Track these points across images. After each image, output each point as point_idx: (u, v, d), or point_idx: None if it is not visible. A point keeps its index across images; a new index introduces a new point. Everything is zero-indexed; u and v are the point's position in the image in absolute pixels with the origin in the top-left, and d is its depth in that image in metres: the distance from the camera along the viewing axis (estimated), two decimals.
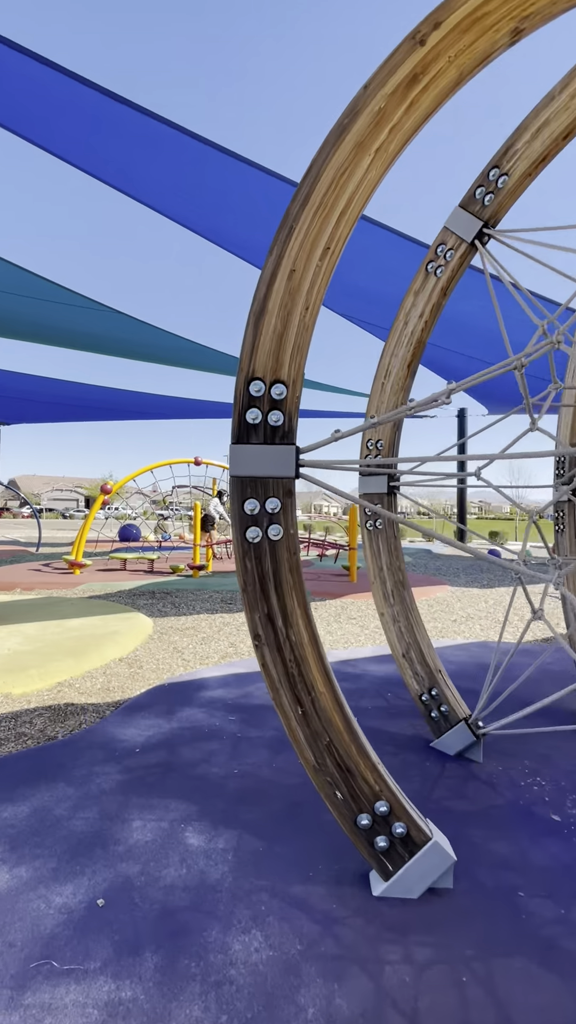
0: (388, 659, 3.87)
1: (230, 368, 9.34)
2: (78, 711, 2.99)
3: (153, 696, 3.07)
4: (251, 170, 3.76)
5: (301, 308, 1.48)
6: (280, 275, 1.47)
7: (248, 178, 3.82)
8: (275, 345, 1.48)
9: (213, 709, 2.84)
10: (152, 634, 4.81)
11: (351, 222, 1.50)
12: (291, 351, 1.49)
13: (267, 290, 1.47)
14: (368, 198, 1.50)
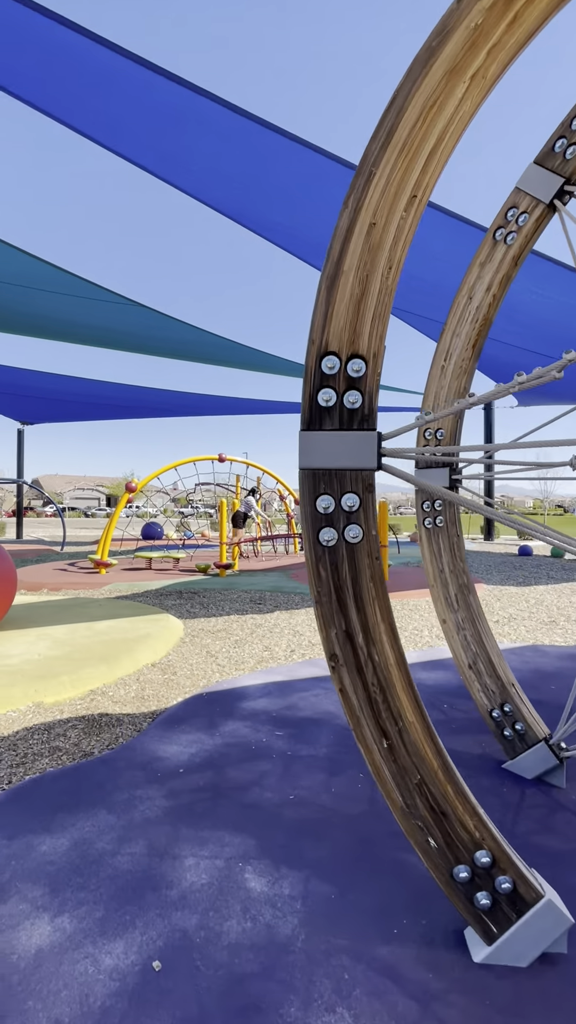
0: (438, 665, 3.62)
1: (256, 363, 9.14)
2: (113, 722, 2.82)
3: (192, 707, 2.88)
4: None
5: (383, 268, 1.25)
6: (357, 230, 1.24)
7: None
8: (352, 313, 1.25)
9: (257, 723, 2.64)
10: (183, 637, 4.64)
11: (441, 164, 1.27)
12: (371, 319, 1.26)
13: (342, 248, 1.25)
14: (461, 134, 1.26)
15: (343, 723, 2.63)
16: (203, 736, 2.48)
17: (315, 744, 2.40)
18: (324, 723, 2.63)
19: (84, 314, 7.12)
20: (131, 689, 3.34)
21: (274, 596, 6.73)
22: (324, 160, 3.38)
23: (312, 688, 3.13)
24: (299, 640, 4.61)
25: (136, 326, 7.54)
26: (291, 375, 10.63)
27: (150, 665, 3.82)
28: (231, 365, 10.10)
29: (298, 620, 5.43)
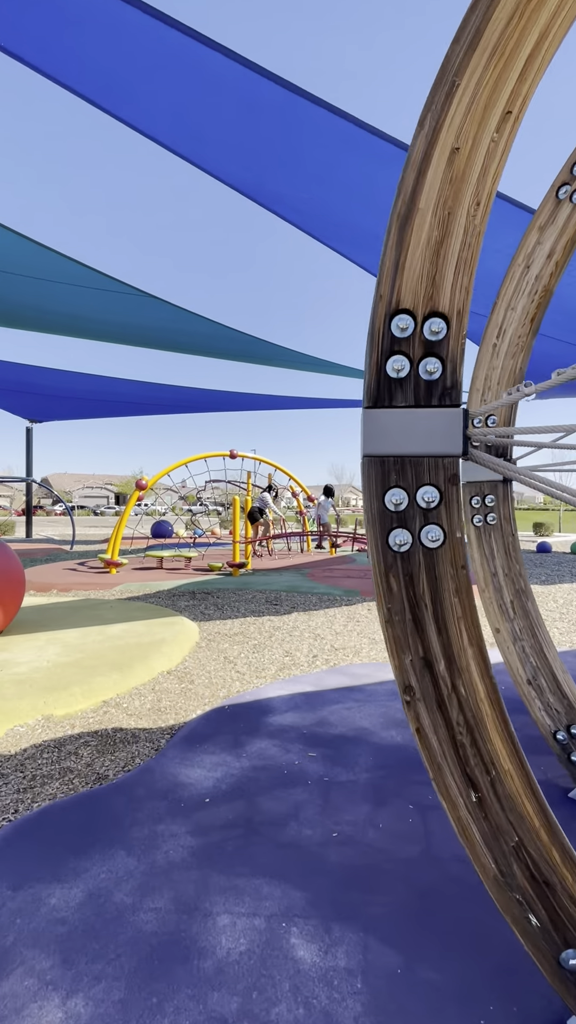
0: None
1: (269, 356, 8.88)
2: (128, 738, 2.59)
3: (213, 722, 2.65)
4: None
5: (469, 204, 1.00)
6: (436, 156, 0.99)
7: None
8: (430, 261, 1.00)
9: (287, 741, 2.40)
10: (199, 641, 4.41)
11: (542, 70, 1.00)
12: (454, 268, 1.00)
13: (417, 180, 0.99)
14: (567, 30, 1.00)
15: (381, 742, 2.38)
16: (228, 757, 2.25)
17: (353, 767, 2.16)
18: (360, 742, 2.39)
19: (90, 307, 6.90)
20: (147, 700, 3.12)
21: (290, 596, 6.49)
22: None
23: (343, 700, 2.88)
24: (321, 644, 4.36)
25: (144, 318, 7.31)
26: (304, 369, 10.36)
27: (166, 673, 3.60)
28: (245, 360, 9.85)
29: (317, 622, 5.18)
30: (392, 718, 2.65)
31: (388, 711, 2.73)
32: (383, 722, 2.59)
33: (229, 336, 7.89)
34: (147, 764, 2.24)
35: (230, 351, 9.03)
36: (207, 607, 5.86)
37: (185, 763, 2.20)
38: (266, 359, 9.46)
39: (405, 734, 2.46)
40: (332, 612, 5.65)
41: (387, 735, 2.44)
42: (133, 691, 3.25)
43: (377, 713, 2.70)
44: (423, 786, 2.01)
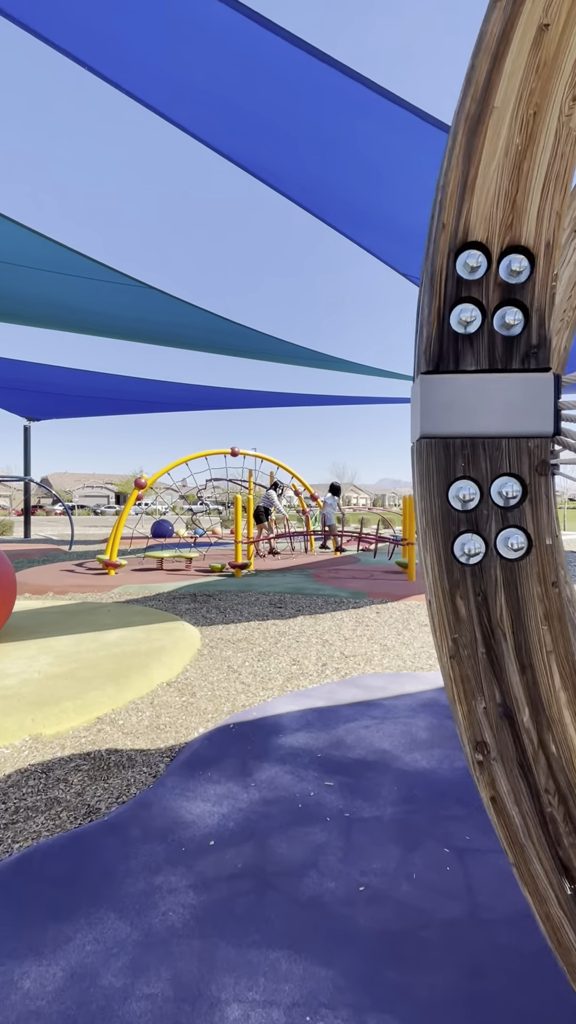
0: None
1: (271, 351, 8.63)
2: (124, 762, 2.35)
3: (217, 743, 2.40)
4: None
5: (562, 99, 0.75)
6: (518, 37, 0.73)
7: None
8: (509, 177, 0.75)
9: (300, 767, 2.15)
10: (201, 648, 4.16)
11: None
12: (542, 186, 0.75)
13: (491, 70, 0.74)
14: None
15: (405, 768, 2.14)
16: (235, 787, 2.00)
17: (377, 800, 1.91)
18: (382, 768, 2.14)
19: (88, 299, 6.65)
20: (144, 716, 2.87)
21: (295, 599, 6.24)
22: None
23: (359, 718, 2.64)
24: (329, 651, 4.12)
25: (145, 310, 7.06)
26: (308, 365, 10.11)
27: (165, 684, 3.35)
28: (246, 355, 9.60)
29: (324, 627, 4.94)
30: (415, 739, 2.40)
31: (410, 730, 2.48)
32: (405, 743, 2.34)
33: (231, 331, 7.64)
34: (144, 795, 1.99)
35: (231, 346, 8.78)
36: (209, 610, 5.62)
37: (186, 795, 1.96)
38: (269, 354, 9.21)
39: (431, 758, 2.21)
40: (339, 615, 5.40)
41: (411, 759, 2.19)
42: (130, 705, 3.00)
43: (397, 732, 2.45)
44: (457, 823, 1.76)
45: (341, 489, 10.86)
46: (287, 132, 3.15)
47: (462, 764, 2.15)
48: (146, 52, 2.62)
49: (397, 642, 4.39)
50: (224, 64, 2.63)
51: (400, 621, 5.15)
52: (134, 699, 3.09)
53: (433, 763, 2.16)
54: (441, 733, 2.45)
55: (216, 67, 2.65)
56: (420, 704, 2.81)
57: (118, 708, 2.96)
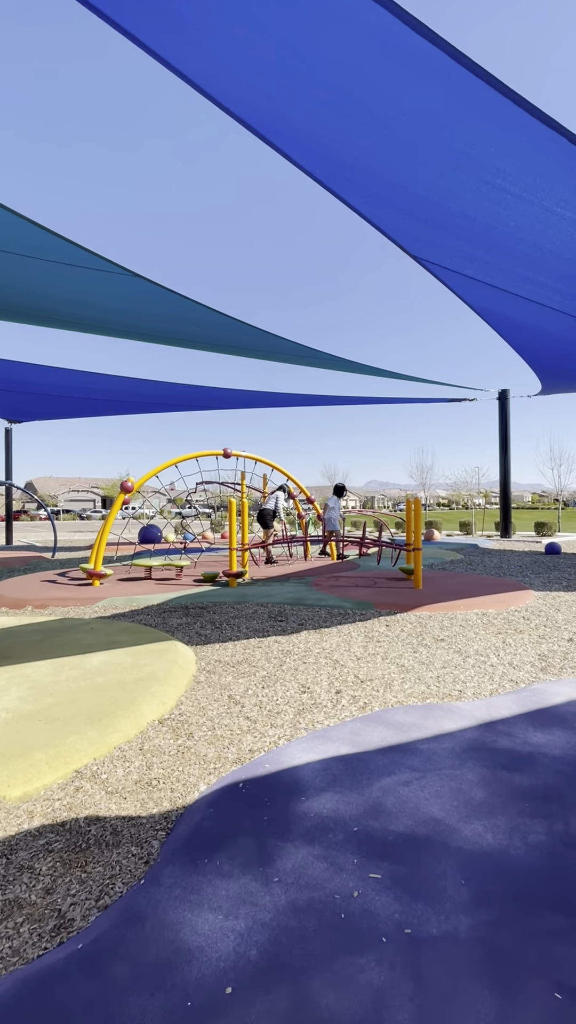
0: (551, 718, 2.67)
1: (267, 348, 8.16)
2: (107, 838, 1.86)
3: (224, 811, 1.92)
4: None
5: None
6: None
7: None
8: None
9: (333, 847, 1.68)
10: (196, 674, 3.67)
11: None
12: None
13: None
14: None
15: (469, 848, 1.67)
16: (253, 884, 1.52)
17: (443, 904, 1.44)
18: (438, 848, 1.67)
19: (65, 288, 6.13)
20: (132, 767, 2.38)
21: (296, 611, 5.77)
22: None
23: (395, 769, 2.17)
24: (342, 674, 3.65)
25: (132, 302, 6.56)
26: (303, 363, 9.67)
27: (157, 723, 2.86)
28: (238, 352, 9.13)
29: (332, 643, 4.47)
30: (470, 800, 1.94)
31: (460, 786, 2.02)
32: (460, 807, 1.88)
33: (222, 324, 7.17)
34: (133, 898, 1.50)
35: (223, 341, 8.30)
36: (203, 626, 5.12)
37: (189, 898, 1.47)
38: (261, 351, 8.75)
39: (496, 830, 1.75)
40: (347, 630, 4.94)
41: (472, 832, 1.73)
42: (115, 753, 2.51)
43: (447, 791, 1.99)
44: (561, 942, 1.30)
45: (345, 490, 10.35)
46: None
47: (539, 840, 1.69)
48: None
49: (415, 661, 3.94)
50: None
51: (414, 636, 4.71)
52: (120, 744, 2.59)
53: (501, 838, 1.70)
54: (499, 790, 2.00)
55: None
56: (464, 748, 2.36)
57: (100, 757, 2.46)
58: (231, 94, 2.81)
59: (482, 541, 15.19)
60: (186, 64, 2.65)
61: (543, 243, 4.23)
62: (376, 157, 3.38)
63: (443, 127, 3.04)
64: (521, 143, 3.09)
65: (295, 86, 2.75)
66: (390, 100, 2.88)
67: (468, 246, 4.50)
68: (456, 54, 2.50)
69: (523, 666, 3.80)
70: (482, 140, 3.13)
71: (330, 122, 3.08)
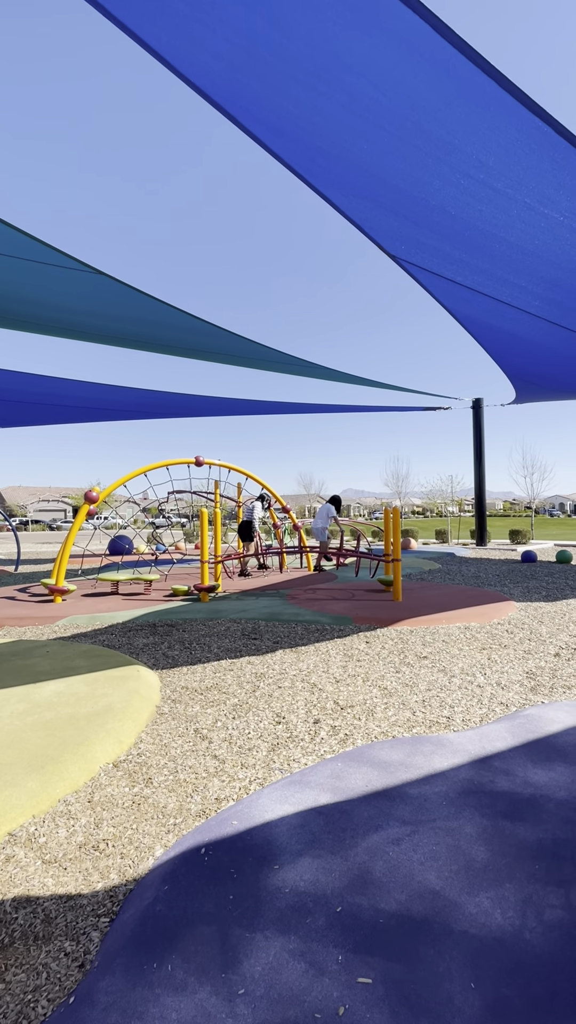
0: (550, 749, 2.42)
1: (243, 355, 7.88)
2: (37, 930, 1.51)
3: (182, 889, 1.59)
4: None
5: None
6: None
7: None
8: None
9: (312, 938, 1.37)
10: (160, 704, 3.32)
11: None
12: None
13: None
14: None
15: (475, 932, 1.39)
16: (212, 1002, 1.20)
17: (450, 1017, 1.15)
18: (439, 934, 1.38)
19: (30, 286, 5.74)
20: (77, 826, 2.03)
21: (271, 627, 5.45)
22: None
23: (382, 823, 1.88)
24: (320, 700, 3.36)
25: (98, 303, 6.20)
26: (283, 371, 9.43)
27: (111, 766, 2.51)
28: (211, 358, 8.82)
29: (309, 663, 4.17)
30: (471, 862, 1.66)
31: (459, 844, 1.74)
32: (460, 874, 1.60)
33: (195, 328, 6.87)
34: None
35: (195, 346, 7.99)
36: (171, 646, 4.75)
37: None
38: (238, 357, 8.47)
39: (506, 904, 1.47)
40: (325, 648, 4.65)
41: (478, 910, 1.45)
42: (58, 808, 2.15)
43: (443, 851, 1.71)
44: None
45: (340, 503, 10.13)
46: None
47: (557, 917, 1.42)
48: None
49: (398, 683, 3.67)
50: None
51: (395, 653, 4.44)
52: (66, 795, 2.24)
53: (512, 917, 1.42)
54: (503, 847, 1.73)
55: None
56: (458, 791, 2.09)
57: (41, 814, 2.10)
58: (191, 60, 2.54)
59: (459, 549, 15.15)
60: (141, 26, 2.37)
61: (524, 244, 4.07)
62: (352, 143, 3.16)
63: (425, 112, 2.83)
64: (506, 131, 2.90)
65: (266, 56, 2.50)
66: (369, 78, 2.65)
67: (447, 245, 4.32)
68: (440, 26, 2.29)
69: (512, 686, 3.57)
70: (464, 128, 2.93)
71: (303, 100, 2.84)
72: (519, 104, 2.62)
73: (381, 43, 2.45)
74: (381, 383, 10.46)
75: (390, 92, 2.74)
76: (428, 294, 5.60)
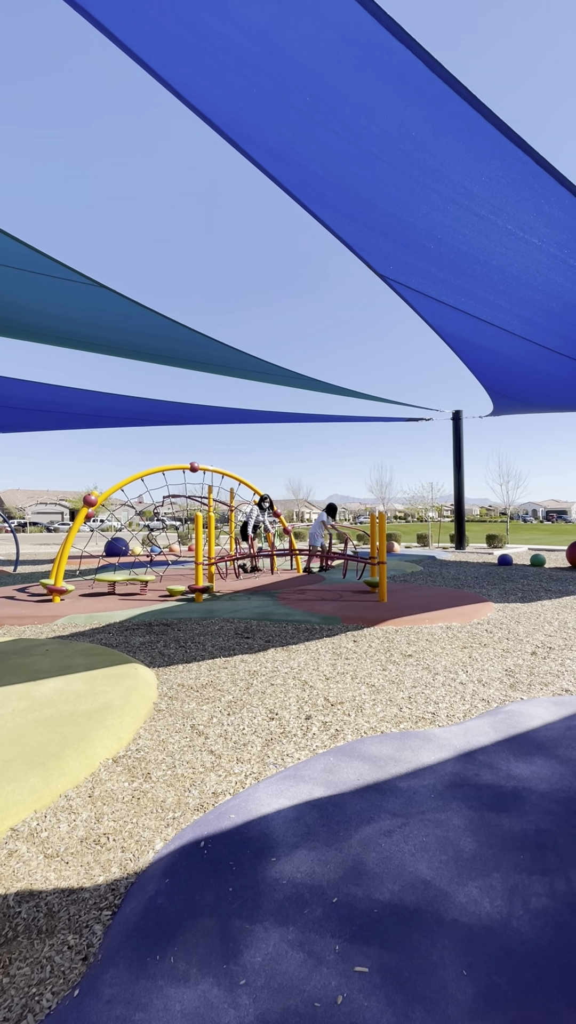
0: (530, 744, 2.43)
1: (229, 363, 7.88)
2: (40, 923, 1.48)
3: (182, 882, 1.57)
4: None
5: None
6: None
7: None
8: None
9: (310, 928, 1.36)
10: (158, 701, 3.28)
11: None
12: None
13: None
14: None
15: (465, 920, 1.39)
16: (215, 993, 1.18)
17: (444, 1003, 1.14)
18: (432, 923, 1.38)
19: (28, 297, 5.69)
20: (79, 820, 1.99)
21: (263, 626, 5.43)
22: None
23: (375, 816, 1.87)
24: (312, 696, 3.34)
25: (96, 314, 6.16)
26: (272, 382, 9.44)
27: (111, 761, 2.47)
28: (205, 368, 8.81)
29: (300, 661, 4.16)
30: (460, 852, 1.66)
31: (448, 836, 1.74)
32: (450, 864, 1.60)
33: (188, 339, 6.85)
34: (62, 1020, 1.14)
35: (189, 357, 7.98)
36: (167, 644, 4.71)
37: (134, 1021, 1.12)
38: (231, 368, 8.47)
39: (494, 893, 1.47)
40: (314, 646, 4.64)
41: (467, 899, 1.45)
42: (60, 803, 2.11)
43: (433, 842, 1.70)
44: None
45: (337, 510, 10.22)
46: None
47: (542, 905, 1.42)
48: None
49: (385, 680, 3.67)
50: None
51: (382, 651, 4.45)
52: (67, 790, 2.19)
53: (500, 905, 1.42)
54: (489, 838, 1.73)
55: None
56: (446, 784, 2.09)
57: (42, 809, 2.06)
58: (195, 87, 2.54)
59: (439, 553, 15.24)
60: (147, 53, 2.37)
61: (505, 267, 4.13)
62: (347, 169, 3.18)
63: (415, 141, 2.87)
64: (490, 161, 2.95)
65: (267, 84, 2.51)
66: (362, 109, 2.68)
67: (433, 267, 4.37)
68: (431, 62, 2.32)
69: (492, 683, 3.59)
70: (452, 157, 2.97)
71: (301, 129, 2.86)
72: (503, 136, 2.66)
73: (374, 76, 2.48)
74: (365, 394, 10.52)
75: (382, 122, 2.77)
76: (413, 311, 5.65)
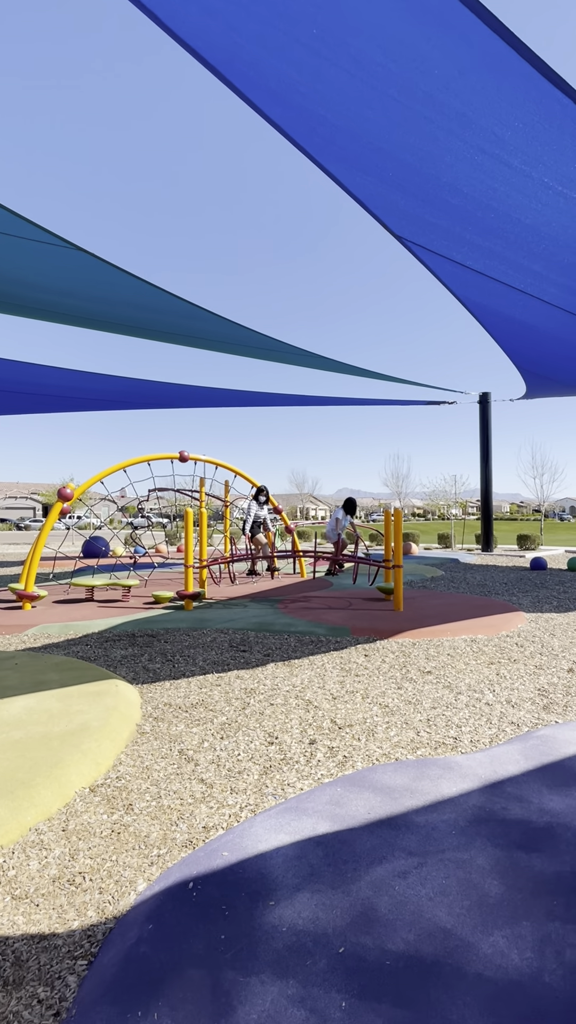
0: (568, 776, 2.42)
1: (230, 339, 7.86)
2: (7, 974, 1.48)
3: (167, 927, 1.57)
4: None
5: None
6: None
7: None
8: None
9: (313, 984, 1.36)
10: (141, 722, 3.29)
11: None
12: None
13: None
14: None
15: (490, 975, 1.38)
16: None
17: None
18: (452, 978, 1.38)
19: None
20: (51, 857, 1.99)
21: (261, 638, 5.44)
22: None
23: (387, 854, 1.87)
24: (317, 719, 3.35)
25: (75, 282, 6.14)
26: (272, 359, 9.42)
27: (88, 791, 2.48)
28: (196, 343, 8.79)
29: (303, 678, 4.16)
30: (484, 896, 1.65)
31: (471, 878, 1.74)
32: (473, 911, 1.60)
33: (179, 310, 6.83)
34: None
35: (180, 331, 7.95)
36: (152, 658, 4.72)
37: None
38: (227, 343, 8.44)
39: (523, 944, 1.47)
40: (320, 661, 4.64)
41: (493, 951, 1.45)
42: (29, 837, 2.11)
43: (454, 886, 1.70)
44: None
45: (356, 506, 10.20)
46: None
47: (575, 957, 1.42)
48: None
49: (400, 700, 3.67)
50: None
51: (397, 667, 4.45)
52: (37, 823, 2.20)
53: (530, 958, 1.42)
54: (518, 881, 1.72)
55: None
56: (468, 818, 2.08)
57: (9, 844, 2.07)
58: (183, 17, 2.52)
59: (463, 555, 15.23)
60: None
61: (541, 227, 4.10)
62: (360, 114, 3.15)
63: (438, 80, 2.84)
64: (524, 104, 2.92)
65: (265, 14, 2.48)
66: (377, 42, 2.65)
67: (459, 227, 4.34)
68: None
69: (523, 704, 3.58)
70: (480, 99, 2.94)
71: (307, 66, 2.83)
72: (539, 75, 2.63)
73: (391, 4, 2.45)
74: (380, 374, 10.49)
75: (400, 59, 2.74)
76: (435, 277, 5.61)
